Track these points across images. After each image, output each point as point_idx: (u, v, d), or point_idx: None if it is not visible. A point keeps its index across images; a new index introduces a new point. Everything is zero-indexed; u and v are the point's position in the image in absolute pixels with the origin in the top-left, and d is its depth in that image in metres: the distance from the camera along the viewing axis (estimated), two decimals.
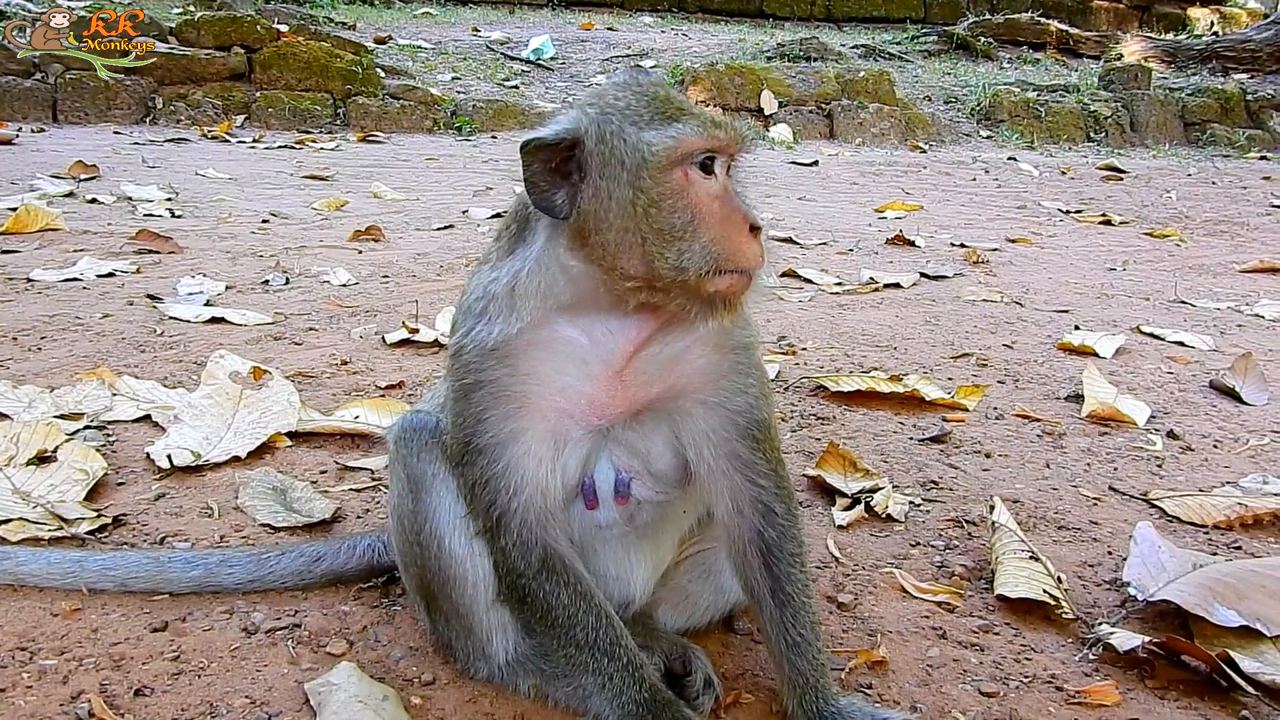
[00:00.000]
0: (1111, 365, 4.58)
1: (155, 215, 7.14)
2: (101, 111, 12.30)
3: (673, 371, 1.86)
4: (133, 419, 3.32)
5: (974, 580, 2.55)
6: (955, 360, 4.58)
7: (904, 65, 18.81)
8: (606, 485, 1.92)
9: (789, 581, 1.93)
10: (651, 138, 1.70)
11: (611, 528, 1.98)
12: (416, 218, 7.71)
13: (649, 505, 1.98)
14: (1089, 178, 12.75)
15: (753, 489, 1.92)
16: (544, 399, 1.82)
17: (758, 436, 1.91)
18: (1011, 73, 19.08)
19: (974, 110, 16.95)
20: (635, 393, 1.85)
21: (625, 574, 2.05)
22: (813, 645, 1.92)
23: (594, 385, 1.82)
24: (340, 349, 4.26)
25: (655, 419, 1.90)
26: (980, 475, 3.26)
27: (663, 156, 1.69)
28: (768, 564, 1.93)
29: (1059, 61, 20.50)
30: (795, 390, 4.03)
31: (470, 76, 15.68)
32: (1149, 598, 2.37)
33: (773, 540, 1.93)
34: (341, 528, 2.70)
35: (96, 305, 4.74)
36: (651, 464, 1.93)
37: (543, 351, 1.81)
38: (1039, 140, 16.20)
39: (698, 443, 1.91)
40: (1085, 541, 2.81)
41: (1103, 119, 16.85)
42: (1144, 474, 3.32)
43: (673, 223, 1.68)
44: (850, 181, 11.45)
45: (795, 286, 6.02)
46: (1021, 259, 7.33)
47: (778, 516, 1.93)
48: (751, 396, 1.91)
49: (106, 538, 2.54)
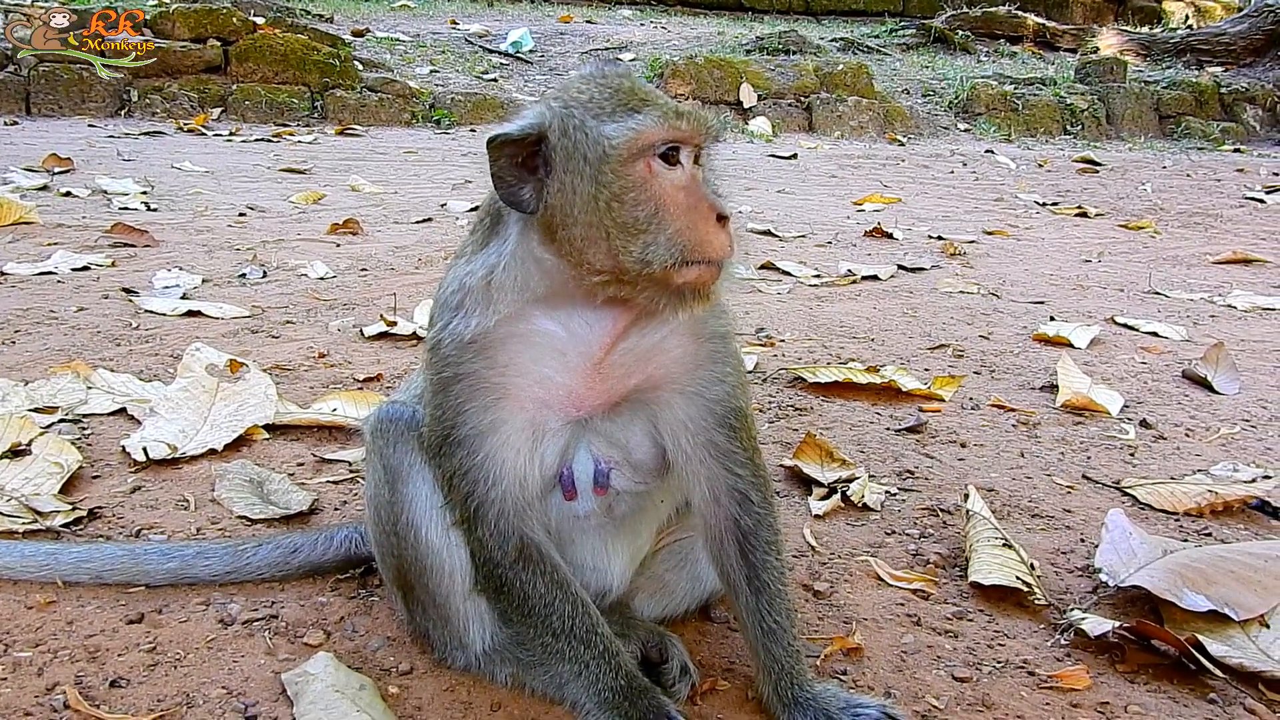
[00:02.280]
0: (1086, 356, 4.62)
1: (131, 208, 7.09)
2: (76, 104, 12.17)
3: (650, 362, 1.87)
4: (108, 412, 3.30)
5: (948, 568, 2.58)
6: (932, 351, 4.61)
7: (882, 59, 18.87)
8: (586, 476, 1.93)
9: (764, 569, 1.94)
10: (611, 131, 1.68)
11: (589, 518, 1.99)
12: (394, 211, 7.68)
13: (627, 495, 1.99)
14: (1065, 170, 12.84)
15: (729, 477, 1.93)
16: (523, 390, 1.82)
17: (734, 425, 1.92)
18: (989, 66, 19.17)
19: (952, 103, 17.03)
20: (613, 384, 1.86)
21: (603, 564, 2.06)
22: (788, 632, 1.93)
23: (572, 377, 1.83)
24: (318, 342, 4.24)
25: (634, 409, 1.91)
26: (956, 465, 3.29)
27: (623, 149, 1.67)
28: (744, 552, 1.95)
29: (1036, 55, 20.62)
30: (773, 381, 4.05)
31: (448, 69, 15.61)
32: (1120, 583, 2.40)
33: (749, 528, 1.94)
34: (319, 519, 2.70)
35: (71, 299, 4.70)
36: (631, 454, 1.94)
37: (520, 344, 1.81)
38: (1016, 133, 16.31)
39: (675, 432, 1.92)
40: (1058, 529, 2.84)
41: (1079, 112, 16.98)
42: (1117, 463, 3.36)
43: (636, 216, 1.67)
44: (829, 174, 11.49)
45: (774, 279, 6.04)
46: (998, 251, 7.38)
47: (754, 505, 1.94)
48: (729, 385, 1.92)
49: (82, 530, 2.53)
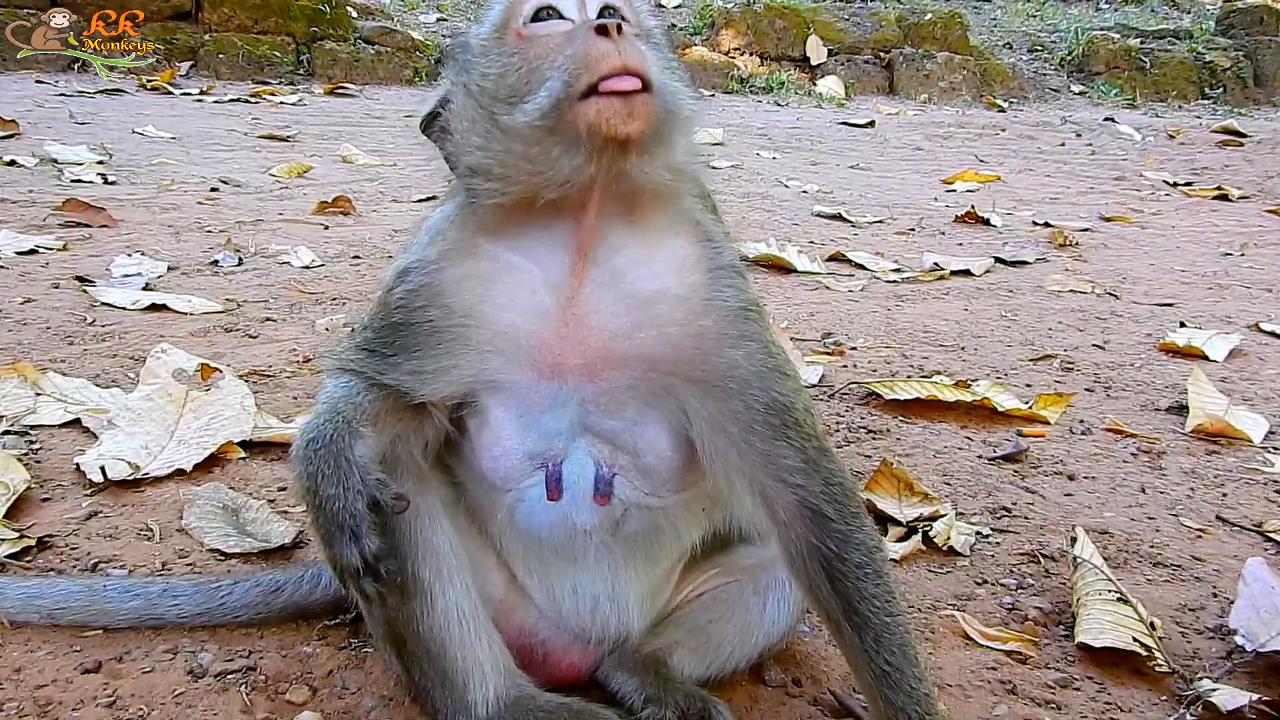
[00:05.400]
0: (1223, 370, 4.59)
1: (85, 181, 7.24)
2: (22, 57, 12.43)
3: (646, 313, 1.88)
4: (60, 423, 3.38)
5: (1051, 626, 2.58)
6: (1035, 363, 4.60)
7: (979, 6, 18.78)
8: (584, 481, 1.94)
9: (862, 600, 1.89)
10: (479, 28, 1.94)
11: (591, 534, 2.01)
12: (393, 186, 7.78)
13: (638, 511, 2.00)
14: (1202, 143, 12.71)
15: (788, 491, 1.90)
16: (483, 341, 1.90)
17: (775, 423, 1.90)
18: (1110, 15, 19.02)
19: (1064, 61, 16.91)
20: (597, 336, 1.87)
21: (618, 594, 2.08)
22: (908, 674, 1.88)
23: (543, 323, 1.88)
24: (302, 343, 4.32)
25: (645, 401, 1.92)
26: (1061, 501, 3.28)
27: (485, 29, 1.90)
28: (833, 581, 1.90)
29: (1168, 1, 20.41)
30: (842, 398, 4.07)
31: (459, 16, 15.76)
32: (1259, 648, 2.40)
33: (832, 552, 1.89)
34: (303, 554, 2.74)
35: (16, 288, 4.81)
36: (640, 457, 1.95)
37: (477, 285, 1.89)
38: (1142, 97, 16.16)
39: (702, 432, 1.91)
40: (1185, 581, 2.83)
41: (1220, 71, 16.78)
42: (1259, 501, 3.34)
43: (509, 82, 1.81)
44: (913, 146, 11.46)
45: (844, 273, 6.05)
46: (1118, 241, 7.33)
47: (832, 522, 1.90)
48: (756, 369, 1.90)
49: (30, 562, 2.59)
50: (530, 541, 2.04)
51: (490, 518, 2.07)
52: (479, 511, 2.10)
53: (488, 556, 2.11)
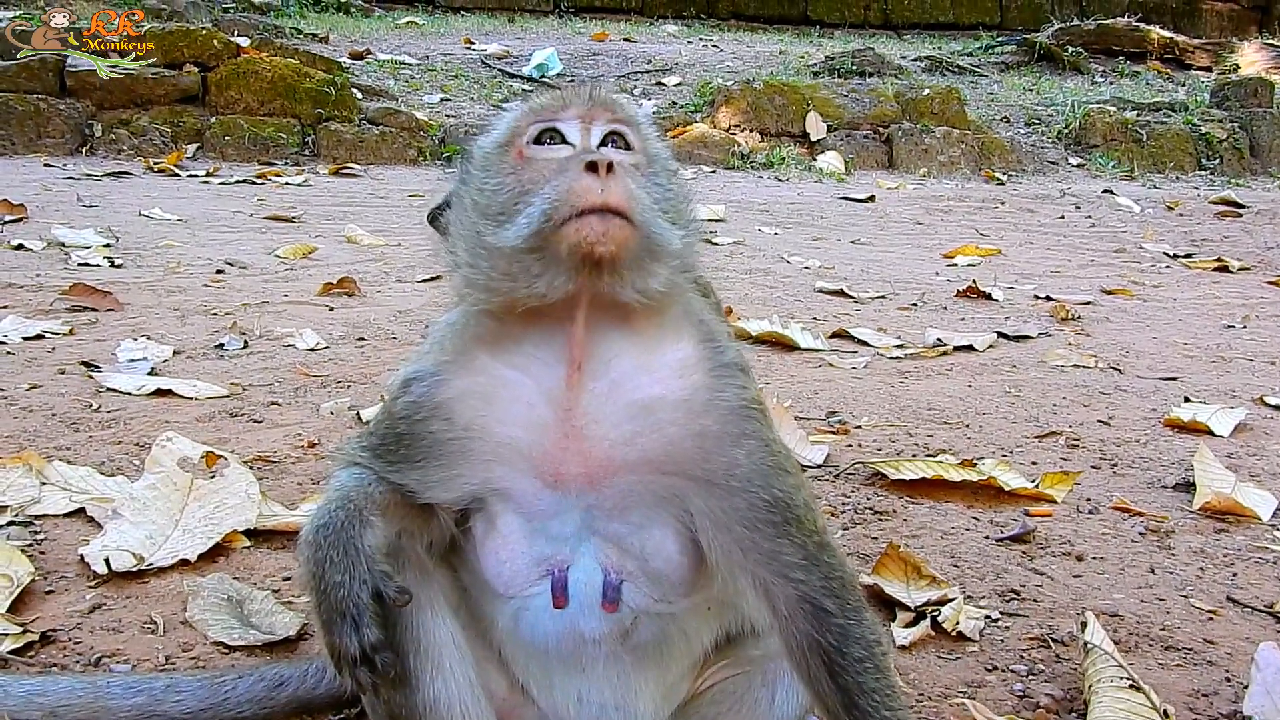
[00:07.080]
0: (1229, 445, 4.59)
1: (92, 265, 7.32)
2: (30, 140, 12.64)
3: (647, 419, 1.90)
4: (64, 513, 3.38)
5: (1063, 713, 2.56)
6: (1040, 440, 4.61)
7: (976, 80, 19.08)
8: (592, 588, 1.94)
9: (861, 694, 1.89)
10: (484, 139, 2.02)
11: (600, 643, 2.00)
12: (398, 267, 7.85)
13: (648, 618, 2.00)
14: (1200, 214, 12.83)
15: (790, 587, 1.91)
16: (487, 453, 1.92)
17: (777, 520, 1.91)
18: (1106, 88, 19.31)
19: (1061, 134, 17.13)
20: (598, 445, 1.89)
21: (626, 704, 2.06)
22: None
23: (543, 434, 1.90)
24: (307, 427, 4.34)
25: (650, 506, 1.93)
26: (1070, 583, 3.27)
27: (489, 143, 1.97)
28: (833, 675, 1.90)
29: (1163, 75, 20.74)
30: (848, 478, 4.07)
31: (462, 97, 16.03)
32: None
33: (832, 646, 1.90)
34: (308, 646, 2.73)
35: (22, 374, 4.84)
36: (648, 562, 1.95)
37: (479, 401, 1.92)
38: (1140, 169, 16.33)
39: (706, 532, 1.92)
40: (1198, 665, 2.81)
41: (1216, 143, 16.98)
42: (1269, 581, 3.32)
43: (500, 200, 1.87)
44: (913, 221, 11.57)
45: (847, 350, 6.08)
46: (1120, 315, 7.37)
47: (832, 616, 1.90)
48: (758, 467, 1.92)
49: (33, 657, 2.58)
50: (534, 650, 2.03)
51: (493, 625, 2.07)
52: (481, 617, 2.09)
53: (490, 655, 2.11)
